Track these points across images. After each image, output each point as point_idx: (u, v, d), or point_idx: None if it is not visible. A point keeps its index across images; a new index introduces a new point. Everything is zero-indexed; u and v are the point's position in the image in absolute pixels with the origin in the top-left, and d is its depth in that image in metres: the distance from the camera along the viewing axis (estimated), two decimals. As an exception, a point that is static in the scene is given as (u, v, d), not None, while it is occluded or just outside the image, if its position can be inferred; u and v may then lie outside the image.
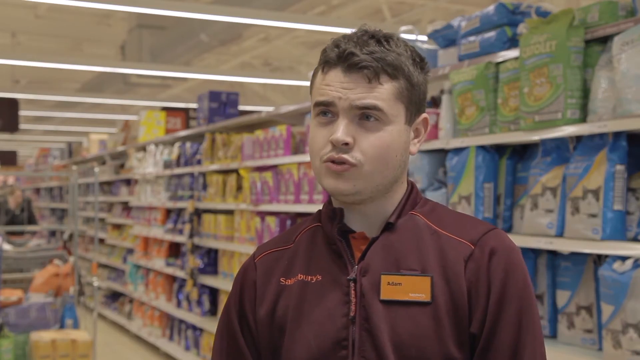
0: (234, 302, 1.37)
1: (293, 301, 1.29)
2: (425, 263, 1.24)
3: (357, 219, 1.30)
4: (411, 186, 1.33)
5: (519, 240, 2.70)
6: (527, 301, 1.23)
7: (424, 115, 1.31)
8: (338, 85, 1.23)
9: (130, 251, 8.99)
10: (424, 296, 1.21)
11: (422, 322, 1.20)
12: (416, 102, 1.28)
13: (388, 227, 1.28)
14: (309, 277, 1.29)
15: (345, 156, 1.22)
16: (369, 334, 1.22)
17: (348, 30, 1.30)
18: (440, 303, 1.21)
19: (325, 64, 1.26)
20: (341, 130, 1.21)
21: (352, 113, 1.22)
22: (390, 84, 1.23)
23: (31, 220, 9.98)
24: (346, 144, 1.21)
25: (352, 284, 1.25)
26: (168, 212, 7.49)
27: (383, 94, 1.22)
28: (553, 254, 2.82)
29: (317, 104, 1.26)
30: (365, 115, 1.22)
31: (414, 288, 1.22)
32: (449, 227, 1.28)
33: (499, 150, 3.08)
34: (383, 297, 1.22)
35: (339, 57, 1.23)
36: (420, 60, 1.28)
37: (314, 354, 1.24)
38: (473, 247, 1.24)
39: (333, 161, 1.23)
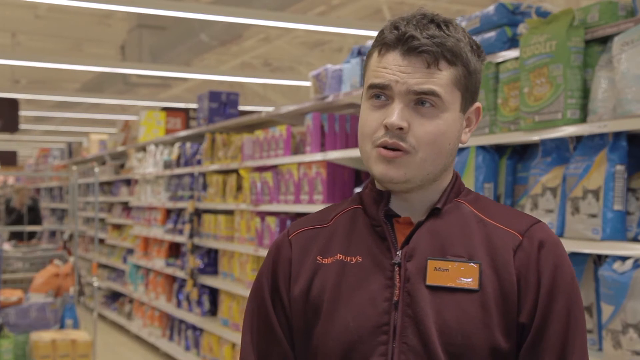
0: (267, 279, 1.33)
1: (330, 280, 1.26)
2: (472, 250, 1.22)
3: (402, 205, 1.28)
4: (456, 175, 1.32)
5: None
6: (575, 295, 1.22)
7: (477, 104, 1.29)
8: (395, 69, 1.20)
9: (130, 251, 8.99)
10: (471, 283, 1.19)
11: (469, 309, 1.18)
12: (472, 90, 1.25)
13: (434, 212, 1.26)
14: (349, 257, 1.26)
15: (399, 142, 1.19)
16: (411, 320, 1.19)
17: (348, 31, 1.30)
18: (489, 291, 1.19)
19: (383, 45, 1.22)
20: (396, 114, 1.19)
21: (408, 98, 1.19)
22: (449, 70, 1.20)
23: (37, 221, 9.83)
24: (401, 128, 1.19)
25: (396, 268, 1.22)
26: (168, 212, 7.48)
27: (441, 79, 1.19)
28: (553, 254, 2.82)
29: (372, 86, 1.22)
30: (421, 101, 1.20)
31: (462, 275, 1.20)
32: (495, 216, 1.26)
33: (499, 150, 3.07)
34: (429, 282, 1.20)
35: (399, 39, 1.20)
36: (477, 48, 1.25)
37: (353, 337, 1.21)
38: (521, 238, 1.22)
39: (385, 146, 1.20)
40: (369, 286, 1.23)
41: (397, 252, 1.23)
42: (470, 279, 1.20)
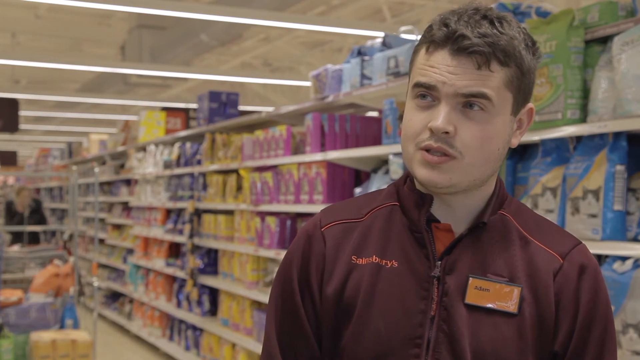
0: (297, 272, 1.25)
1: (364, 283, 1.20)
2: (513, 271, 1.17)
3: (443, 209, 1.21)
4: (499, 182, 1.26)
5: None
6: (610, 323, 1.20)
7: (530, 105, 1.22)
8: (443, 69, 1.12)
9: (130, 251, 8.99)
10: (510, 307, 1.15)
11: (506, 333, 1.15)
12: (524, 91, 1.18)
13: (479, 225, 1.20)
14: (385, 261, 1.20)
15: (445, 146, 1.12)
16: (446, 336, 1.15)
17: (348, 31, 1.27)
18: (526, 316, 1.15)
19: (431, 43, 1.15)
20: (442, 117, 1.12)
21: (455, 100, 1.12)
22: (501, 71, 1.13)
23: (42, 223, 9.66)
24: (447, 132, 1.12)
25: (435, 281, 1.17)
26: (168, 212, 7.48)
27: (492, 82, 1.12)
28: (553, 254, 2.82)
29: (417, 85, 1.15)
30: (470, 104, 1.13)
31: (501, 297, 1.16)
32: (537, 234, 1.22)
33: (499, 150, 3.07)
34: (468, 300, 1.16)
35: (448, 37, 1.12)
36: (532, 45, 1.17)
37: (384, 346, 1.17)
38: (562, 261, 1.19)
39: (429, 149, 1.14)
40: (404, 295, 1.18)
41: (437, 263, 1.18)
42: (510, 302, 1.16)
